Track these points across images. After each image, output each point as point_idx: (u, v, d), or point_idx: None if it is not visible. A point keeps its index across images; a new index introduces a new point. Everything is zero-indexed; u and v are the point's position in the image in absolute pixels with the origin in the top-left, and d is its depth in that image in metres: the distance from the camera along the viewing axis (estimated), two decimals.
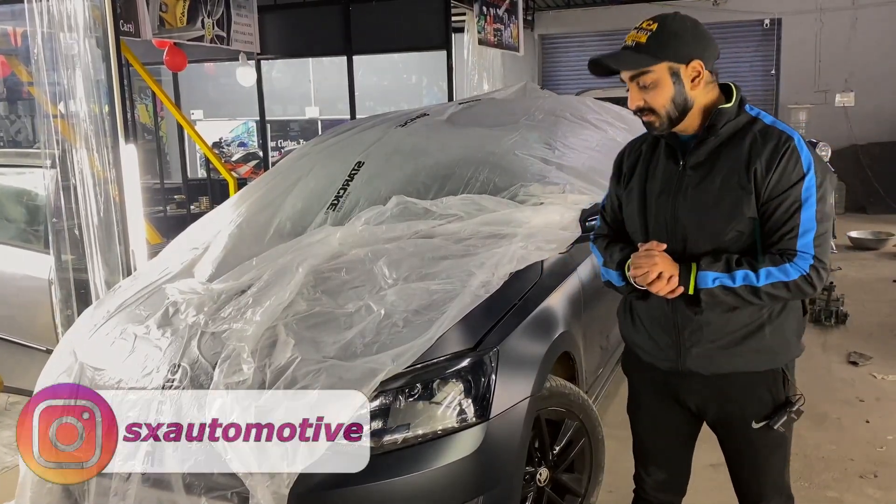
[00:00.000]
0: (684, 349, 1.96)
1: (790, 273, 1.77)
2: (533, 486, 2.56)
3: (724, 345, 1.92)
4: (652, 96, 1.84)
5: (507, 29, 9.12)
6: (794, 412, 1.94)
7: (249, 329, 2.31)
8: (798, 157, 1.79)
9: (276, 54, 9.02)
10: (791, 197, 1.78)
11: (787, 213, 1.79)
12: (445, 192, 3.09)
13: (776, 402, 1.95)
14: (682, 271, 1.83)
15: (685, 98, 1.84)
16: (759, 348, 1.91)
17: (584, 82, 12.08)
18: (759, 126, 1.86)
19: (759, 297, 1.79)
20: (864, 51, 10.56)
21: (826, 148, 6.21)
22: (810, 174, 1.78)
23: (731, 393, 1.97)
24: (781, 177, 1.79)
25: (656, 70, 1.82)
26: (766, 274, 1.77)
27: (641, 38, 1.82)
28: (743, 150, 1.83)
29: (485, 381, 2.24)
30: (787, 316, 1.93)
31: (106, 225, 3.86)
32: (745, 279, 1.78)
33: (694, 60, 1.82)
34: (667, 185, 1.93)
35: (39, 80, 3.84)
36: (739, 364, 1.93)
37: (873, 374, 4.45)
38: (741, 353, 1.92)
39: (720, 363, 1.94)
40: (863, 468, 3.37)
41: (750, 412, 1.96)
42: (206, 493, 2.11)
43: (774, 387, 1.95)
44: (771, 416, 1.94)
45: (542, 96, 4.72)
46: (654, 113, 1.86)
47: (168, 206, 8.88)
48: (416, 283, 2.46)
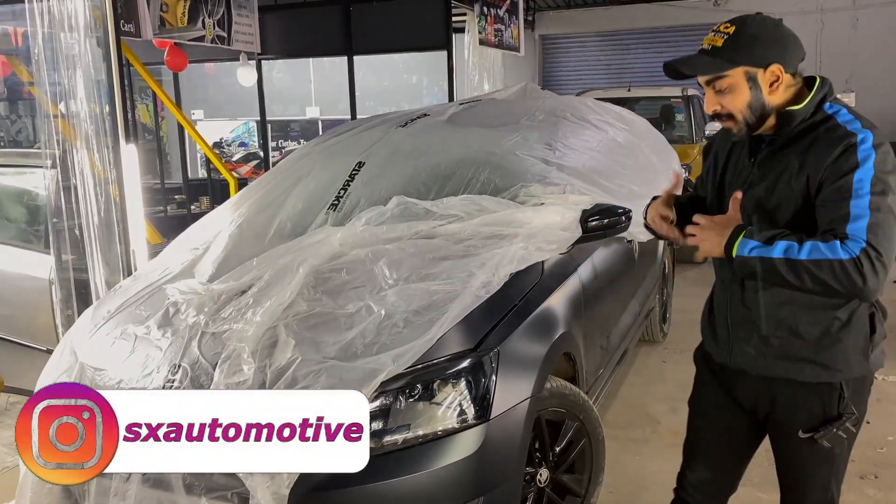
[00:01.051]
0: (735, 345, 1.93)
1: (838, 251, 1.59)
2: (533, 487, 2.56)
3: (775, 351, 1.87)
4: (728, 101, 1.79)
5: (507, 29, 9.12)
6: (842, 429, 1.85)
7: (250, 329, 2.31)
8: (854, 151, 1.68)
9: (277, 54, 9.02)
10: (841, 186, 1.67)
11: (836, 201, 1.67)
12: (446, 193, 3.09)
13: (827, 416, 1.86)
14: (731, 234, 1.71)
15: (763, 103, 1.78)
16: (811, 358, 1.83)
17: (585, 83, 12.11)
18: (829, 125, 1.77)
19: (797, 274, 1.62)
20: (864, 51, 10.57)
21: None
22: (866, 165, 1.66)
23: (781, 398, 1.91)
24: (833, 170, 1.69)
25: (732, 75, 1.76)
26: (811, 247, 1.62)
27: (718, 42, 1.76)
28: (802, 151, 1.77)
29: (485, 381, 2.24)
30: (848, 330, 1.81)
31: (106, 225, 3.86)
32: (785, 251, 1.63)
33: (773, 65, 1.76)
34: (737, 178, 1.91)
35: (40, 80, 3.84)
36: (789, 371, 1.87)
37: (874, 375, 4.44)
38: (794, 361, 1.85)
39: (767, 366, 1.89)
40: (863, 469, 3.36)
41: (798, 421, 1.89)
42: (206, 493, 2.11)
43: (828, 401, 1.86)
44: (817, 429, 1.86)
45: (543, 97, 4.71)
46: (731, 118, 1.81)
47: (168, 206, 8.88)
48: (417, 283, 2.46)
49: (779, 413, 1.94)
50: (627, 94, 8.92)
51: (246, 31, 7.75)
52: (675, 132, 8.52)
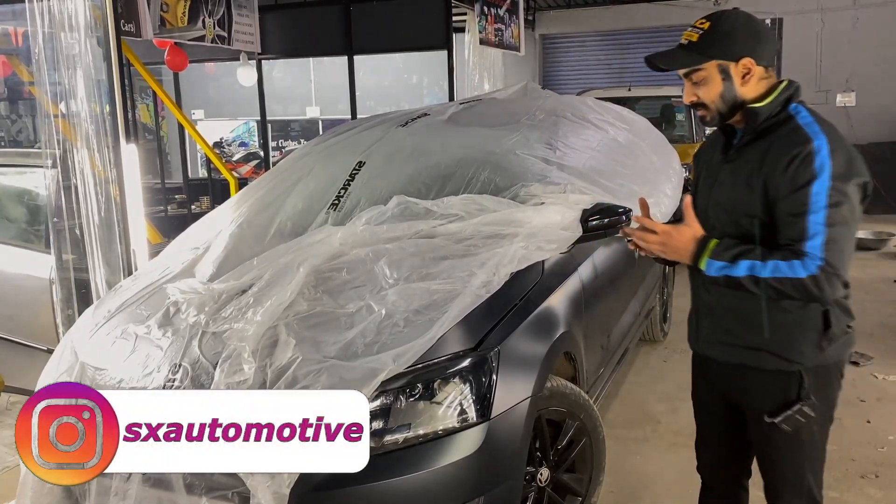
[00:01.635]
0: (702, 335, 2.10)
1: (798, 271, 1.75)
2: (534, 487, 2.56)
3: (734, 337, 1.99)
4: (703, 92, 1.92)
5: (507, 29, 9.12)
6: (799, 413, 1.93)
7: (250, 329, 2.31)
8: (810, 161, 1.77)
9: (277, 54, 9.02)
10: (798, 200, 1.78)
11: (794, 216, 1.78)
12: (446, 192, 3.09)
13: (787, 402, 1.95)
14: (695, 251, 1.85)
15: (735, 94, 1.90)
16: (768, 348, 1.94)
17: (586, 82, 12.10)
18: (791, 125, 1.87)
19: (761, 287, 1.79)
20: (865, 51, 10.56)
21: None
22: (822, 177, 1.76)
23: (747, 384, 2.03)
24: (791, 180, 1.79)
25: (706, 68, 1.89)
26: (773, 267, 1.76)
27: (693, 37, 1.89)
28: (763, 150, 1.87)
29: (486, 381, 2.24)
30: (800, 325, 1.91)
31: (107, 224, 3.86)
32: (750, 269, 1.78)
33: (744, 58, 1.87)
34: (710, 175, 2.05)
35: (40, 80, 3.84)
36: (750, 359, 1.98)
37: (874, 375, 4.45)
38: (750, 348, 1.97)
39: (730, 354, 2.02)
40: (864, 468, 3.36)
41: (762, 406, 1.99)
42: (207, 493, 2.11)
43: (786, 387, 1.95)
44: (779, 413, 1.95)
45: (543, 96, 4.71)
46: (704, 107, 1.94)
47: (169, 205, 8.88)
48: (417, 282, 2.46)
49: (747, 399, 2.06)
50: (628, 94, 8.92)
51: (246, 31, 7.75)
52: (675, 132, 8.52)
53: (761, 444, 2.10)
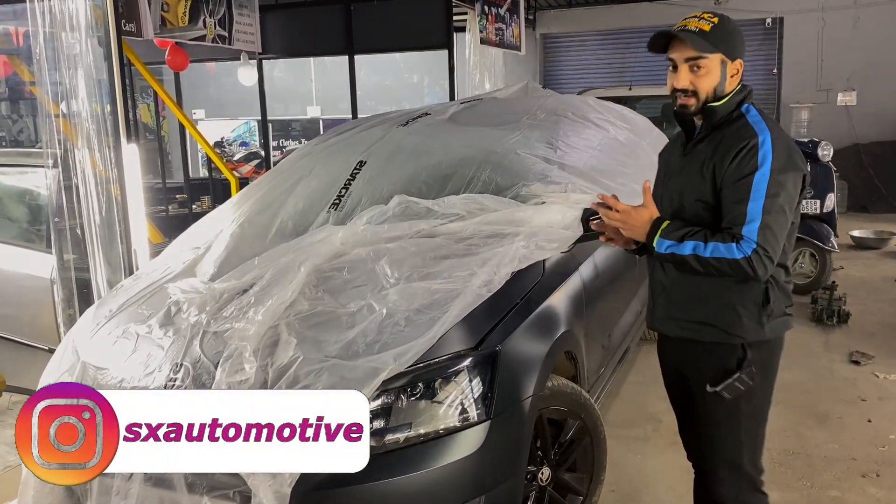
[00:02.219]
0: (655, 311, 2.27)
1: (734, 252, 1.94)
2: (535, 486, 2.56)
3: (677, 314, 2.17)
4: (701, 81, 2.04)
5: (508, 28, 9.11)
6: (738, 380, 2.08)
7: (251, 328, 2.31)
8: (755, 153, 1.97)
9: (278, 54, 9.02)
10: (741, 188, 1.96)
11: (736, 202, 1.97)
12: (447, 192, 3.09)
13: (726, 371, 2.10)
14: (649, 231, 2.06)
15: (723, 90, 2.06)
16: (707, 320, 2.11)
17: (586, 81, 12.09)
18: (740, 122, 2.06)
19: (703, 265, 1.98)
20: (866, 50, 10.55)
21: (828, 147, 6.20)
22: (763, 168, 1.95)
23: (692, 357, 2.19)
24: (736, 169, 1.98)
25: (712, 58, 2.03)
26: (713, 247, 1.96)
27: (705, 27, 2.01)
28: (715, 143, 2.05)
29: (487, 380, 2.24)
30: (738, 296, 2.07)
31: (108, 224, 3.86)
32: (693, 249, 1.98)
33: (738, 59, 2.07)
34: (669, 169, 2.23)
35: (41, 80, 3.84)
36: (695, 332, 2.14)
37: (875, 374, 4.45)
38: (695, 322, 2.13)
39: (676, 328, 2.20)
40: (865, 467, 3.36)
41: (704, 376, 2.14)
42: (209, 492, 2.11)
43: (727, 358, 2.11)
44: (720, 382, 2.10)
45: (544, 95, 4.71)
46: (695, 96, 2.05)
47: (170, 205, 8.88)
48: (418, 282, 2.46)
49: (691, 370, 2.21)
50: (629, 93, 8.91)
51: (247, 31, 7.74)
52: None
53: (702, 416, 2.23)
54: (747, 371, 2.09)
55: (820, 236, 5.94)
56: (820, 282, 5.92)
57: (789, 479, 3.28)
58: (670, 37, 2.04)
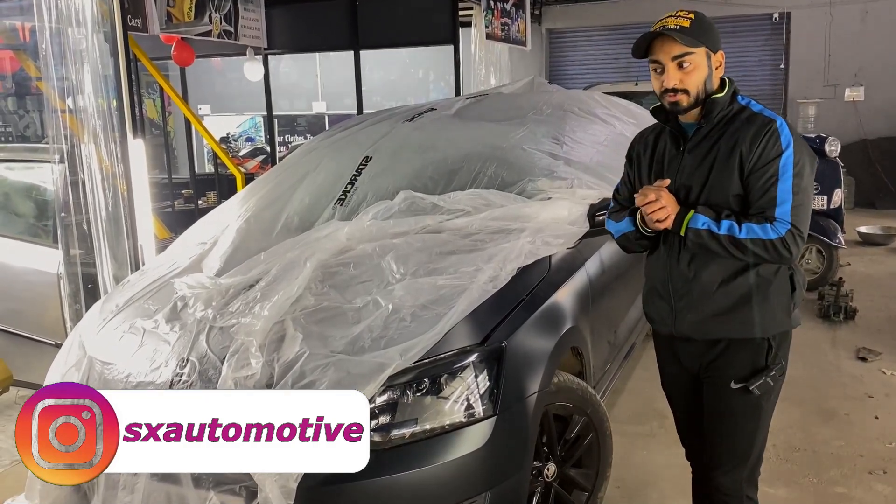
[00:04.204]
0: (680, 316, 2.18)
1: (769, 233, 1.95)
2: (540, 481, 2.56)
3: (714, 313, 2.12)
4: (690, 77, 2.04)
5: (514, 23, 9.09)
6: (771, 377, 2.10)
7: (257, 324, 2.31)
8: (777, 137, 1.99)
9: (284, 49, 9.02)
10: (770, 171, 1.98)
11: (765, 185, 1.98)
12: (453, 187, 3.08)
13: (755, 368, 2.12)
14: (679, 211, 2.05)
15: (711, 83, 2.07)
16: (745, 319, 2.09)
17: (592, 77, 12.07)
18: (747, 113, 2.07)
19: (739, 248, 1.98)
20: (874, 45, 10.49)
21: (835, 143, 6.17)
22: (788, 151, 1.97)
23: (718, 355, 2.17)
24: (762, 154, 1.99)
25: (698, 53, 2.03)
26: (747, 229, 1.97)
27: (685, 23, 2.02)
28: (732, 134, 2.05)
29: (492, 376, 2.23)
30: (774, 292, 2.09)
31: (114, 219, 3.86)
32: (729, 229, 1.98)
33: (720, 52, 2.08)
34: (669, 168, 2.17)
35: (47, 76, 3.84)
36: (728, 331, 2.12)
37: (882, 370, 4.43)
38: (729, 322, 2.11)
39: (710, 329, 2.14)
40: (872, 464, 3.35)
41: (731, 374, 2.14)
42: (215, 487, 2.12)
43: (758, 353, 2.12)
44: (748, 379, 2.11)
45: (550, 91, 4.70)
46: (685, 93, 2.05)
47: (176, 200, 8.91)
48: (424, 277, 2.46)
49: (714, 369, 2.19)
50: (635, 89, 8.88)
51: (252, 26, 7.76)
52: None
53: (721, 413, 2.22)
54: (778, 367, 2.12)
55: (827, 232, 5.91)
56: (827, 278, 5.90)
57: (796, 476, 3.27)
58: (653, 37, 2.04)
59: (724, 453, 2.25)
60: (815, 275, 6.02)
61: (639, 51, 2.08)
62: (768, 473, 3.21)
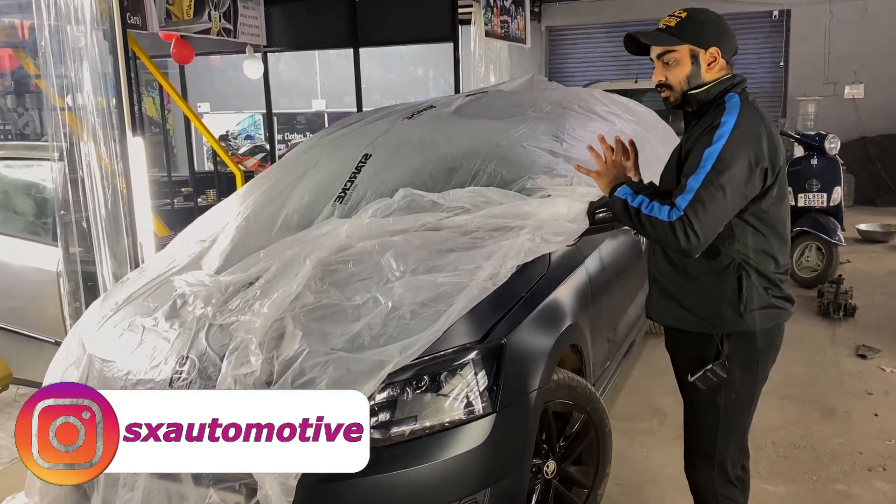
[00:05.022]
0: (650, 302, 2.33)
1: (665, 215, 1.99)
2: (540, 479, 2.56)
3: (668, 301, 2.22)
4: (672, 74, 2.14)
5: (513, 21, 9.09)
6: (710, 371, 2.13)
7: (257, 321, 2.31)
8: (713, 132, 2.02)
9: (283, 47, 9.01)
10: (691, 162, 2.04)
11: (684, 175, 2.04)
12: (453, 185, 3.08)
13: (703, 362, 2.16)
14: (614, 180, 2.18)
15: (700, 79, 2.13)
16: (691, 310, 2.16)
17: (592, 74, 12.06)
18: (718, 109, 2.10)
19: (639, 222, 2.05)
20: (873, 42, 10.48)
21: (835, 140, 6.17)
22: (714, 146, 1.99)
23: (679, 346, 2.28)
24: (695, 145, 2.06)
25: (679, 50, 2.11)
26: (653, 207, 2.03)
27: (671, 23, 2.13)
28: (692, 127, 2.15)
29: (492, 373, 2.24)
30: (716, 286, 2.11)
31: (113, 217, 3.86)
32: (639, 204, 2.05)
33: (713, 47, 2.12)
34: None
35: (47, 73, 3.84)
36: (676, 320, 2.22)
37: (882, 368, 4.44)
38: (675, 310, 2.20)
39: (664, 316, 2.25)
40: (871, 461, 3.36)
41: (685, 366, 2.23)
42: (215, 484, 2.12)
43: (705, 348, 2.16)
44: (695, 372, 2.17)
45: (550, 88, 4.70)
46: (670, 88, 2.16)
47: (175, 198, 8.90)
48: (424, 275, 2.46)
49: (678, 360, 2.29)
50: (635, 86, 8.87)
51: (252, 24, 7.75)
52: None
53: (685, 407, 2.31)
54: (720, 363, 2.13)
55: (826, 230, 5.92)
56: (826, 275, 5.90)
57: (795, 473, 3.27)
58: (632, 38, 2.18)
59: (691, 449, 2.31)
60: (814, 272, 6.02)
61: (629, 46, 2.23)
62: (768, 470, 3.23)
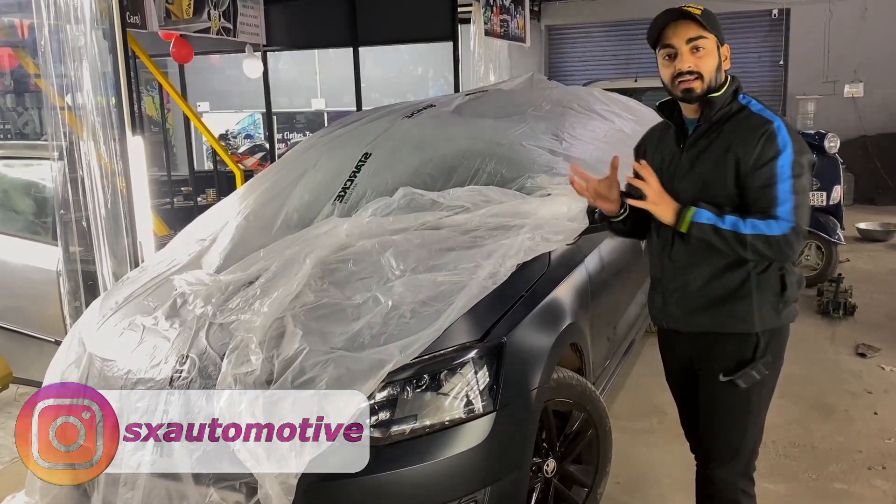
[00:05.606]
0: (670, 308, 2.24)
1: (773, 229, 1.95)
2: (540, 478, 2.56)
3: (701, 307, 2.15)
4: (703, 61, 2.04)
5: (513, 20, 9.09)
6: (756, 369, 2.11)
7: (257, 320, 2.31)
8: (774, 138, 1.99)
9: (282, 46, 9.01)
10: (767, 173, 1.98)
11: (764, 186, 1.99)
12: (452, 184, 3.08)
13: (741, 361, 2.13)
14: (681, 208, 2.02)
15: (720, 73, 2.08)
16: (731, 314, 2.12)
17: (592, 73, 12.06)
18: (746, 113, 2.08)
19: (741, 244, 1.97)
20: (873, 41, 10.48)
21: (835, 139, 6.17)
22: (786, 152, 1.97)
23: (705, 348, 2.20)
24: (759, 156, 1.99)
25: (711, 39, 2.05)
26: (751, 224, 1.96)
27: (697, 11, 2.04)
28: (728, 134, 2.06)
29: (492, 372, 2.24)
30: (762, 289, 2.10)
31: (113, 217, 3.86)
32: (733, 225, 1.97)
33: (726, 45, 2.10)
34: (669, 165, 2.18)
35: (46, 72, 3.84)
36: (714, 325, 2.15)
37: (881, 366, 4.44)
38: (715, 316, 2.14)
39: (698, 323, 2.18)
40: (871, 460, 3.36)
41: (718, 367, 2.16)
42: (215, 483, 2.12)
43: (744, 347, 2.13)
44: (735, 372, 2.13)
45: (550, 87, 4.70)
46: (699, 78, 2.05)
47: (175, 197, 8.90)
48: (424, 274, 2.46)
49: (703, 362, 2.22)
50: (634, 85, 8.87)
51: (251, 23, 7.74)
52: None
53: (712, 405, 2.25)
54: (763, 360, 2.12)
55: (826, 229, 5.92)
56: (826, 274, 5.90)
57: (795, 472, 3.27)
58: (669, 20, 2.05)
59: (718, 447, 2.27)
60: (814, 271, 6.02)
61: (654, 30, 2.08)
62: (768, 469, 3.22)
